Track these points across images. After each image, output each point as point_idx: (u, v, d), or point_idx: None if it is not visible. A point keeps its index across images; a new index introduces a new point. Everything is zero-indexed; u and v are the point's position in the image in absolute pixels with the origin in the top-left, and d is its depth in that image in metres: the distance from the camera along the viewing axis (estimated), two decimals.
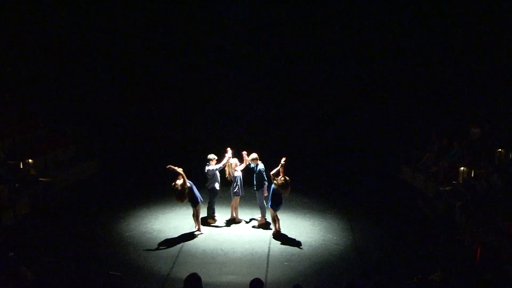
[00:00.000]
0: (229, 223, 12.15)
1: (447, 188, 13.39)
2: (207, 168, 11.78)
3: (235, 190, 11.90)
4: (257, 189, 11.88)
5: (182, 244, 10.86)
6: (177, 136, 19.64)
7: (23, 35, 17.82)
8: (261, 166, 11.82)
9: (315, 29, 19.69)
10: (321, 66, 20.02)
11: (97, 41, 19.47)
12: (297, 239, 11.25)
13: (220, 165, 11.80)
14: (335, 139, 19.52)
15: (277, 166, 11.16)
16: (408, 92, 19.17)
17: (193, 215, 11.49)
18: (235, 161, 11.96)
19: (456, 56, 18.16)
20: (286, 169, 11.09)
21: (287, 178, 11.01)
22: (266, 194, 11.90)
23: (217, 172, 11.83)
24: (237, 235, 11.43)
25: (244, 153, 12.01)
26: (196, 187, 11.28)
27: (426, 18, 18.53)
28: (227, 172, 11.95)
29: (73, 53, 19.19)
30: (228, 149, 11.96)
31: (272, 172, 11.24)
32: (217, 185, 11.88)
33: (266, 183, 11.79)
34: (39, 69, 18.43)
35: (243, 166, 12.05)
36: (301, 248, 10.78)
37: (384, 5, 19.00)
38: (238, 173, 11.91)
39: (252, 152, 11.92)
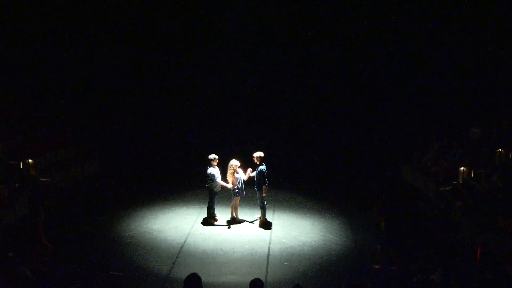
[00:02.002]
0: (229, 223, 12.15)
1: (447, 188, 13.38)
2: (209, 170, 11.76)
3: (236, 191, 11.89)
4: (258, 189, 11.88)
5: (182, 244, 10.87)
6: (177, 136, 19.63)
7: (23, 35, 17.83)
8: (262, 166, 11.82)
9: (317, 28, 19.71)
10: (321, 66, 20.03)
11: (97, 41, 19.47)
12: (297, 239, 11.26)
13: (223, 183, 11.82)
14: (335, 139, 19.50)
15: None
16: (408, 92, 19.16)
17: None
18: (235, 162, 11.94)
19: (456, 56, 18.14)
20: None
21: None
22: (265, 194, 11.89)
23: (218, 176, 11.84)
24: (237, 235, 11.42)
25: (249, 170, 12.05)
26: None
27: (427, 18, 18.51)
28: (228, 174, 11.93)
29: (74, 53, 19.19)
30: (230, 182, 11.87)
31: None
32: (217, 187, 11.89)
33: (268, 184, 11.78)
34: (40, 69, 18.42)
35: (245, 176, 12.04)
36: (301, 248, 10.77)
37: (383, 4, 19.03)
38: (239, 174, 11.91)
39: (259, 151, 11.92)
